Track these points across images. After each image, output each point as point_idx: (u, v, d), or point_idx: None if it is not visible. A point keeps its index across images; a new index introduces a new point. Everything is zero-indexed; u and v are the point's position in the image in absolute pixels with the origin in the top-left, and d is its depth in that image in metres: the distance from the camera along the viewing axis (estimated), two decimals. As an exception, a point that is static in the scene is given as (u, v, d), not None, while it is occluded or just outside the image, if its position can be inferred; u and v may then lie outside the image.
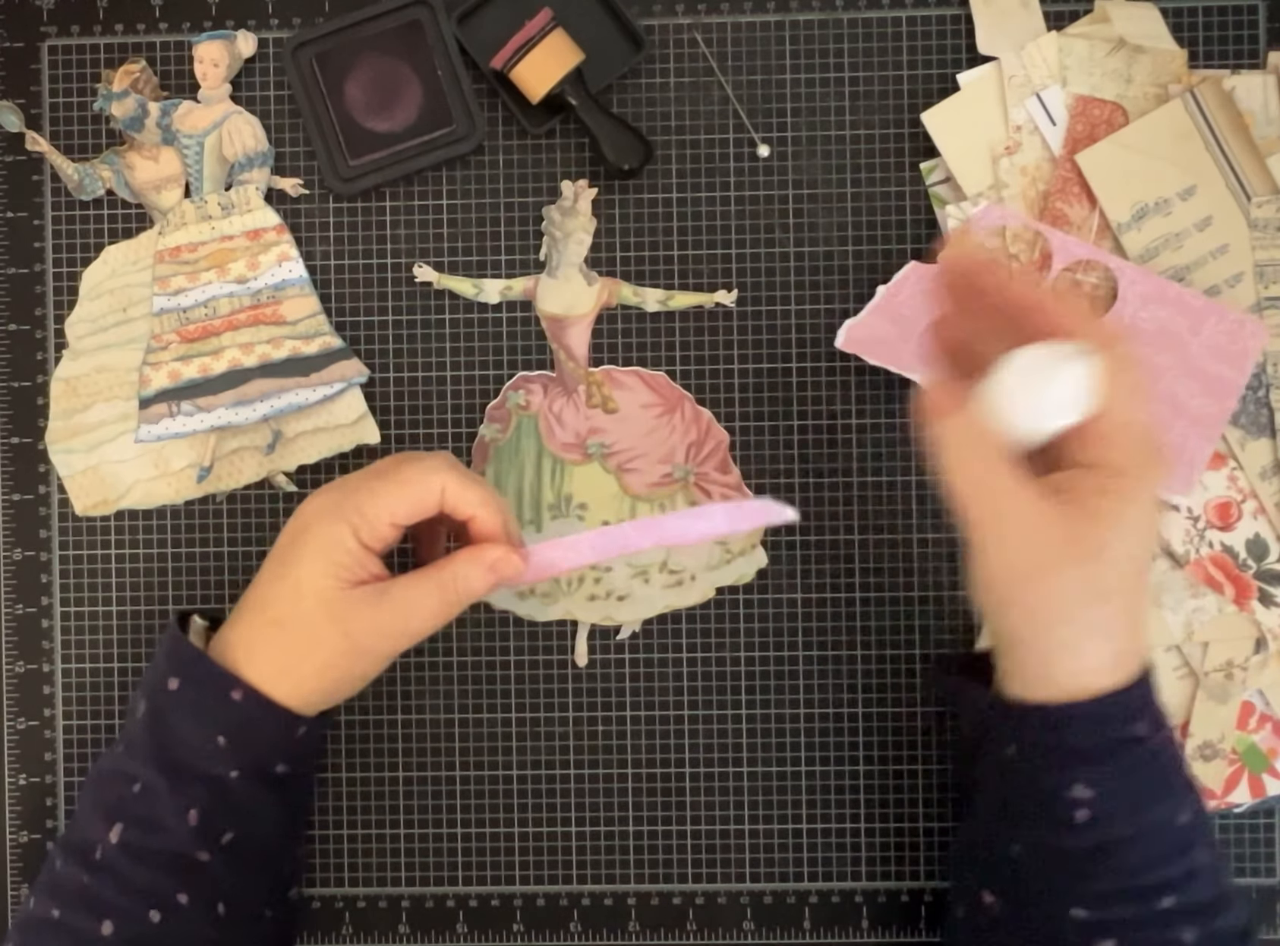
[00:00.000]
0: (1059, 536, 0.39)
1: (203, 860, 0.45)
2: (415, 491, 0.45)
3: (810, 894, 0.55)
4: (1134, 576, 0.41)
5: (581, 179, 0.55)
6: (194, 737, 0.45)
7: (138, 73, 0.55)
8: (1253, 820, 0.55)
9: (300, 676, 0.45)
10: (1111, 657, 0.41)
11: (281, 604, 0.45)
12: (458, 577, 0.45)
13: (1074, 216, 0.53)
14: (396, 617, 0.45)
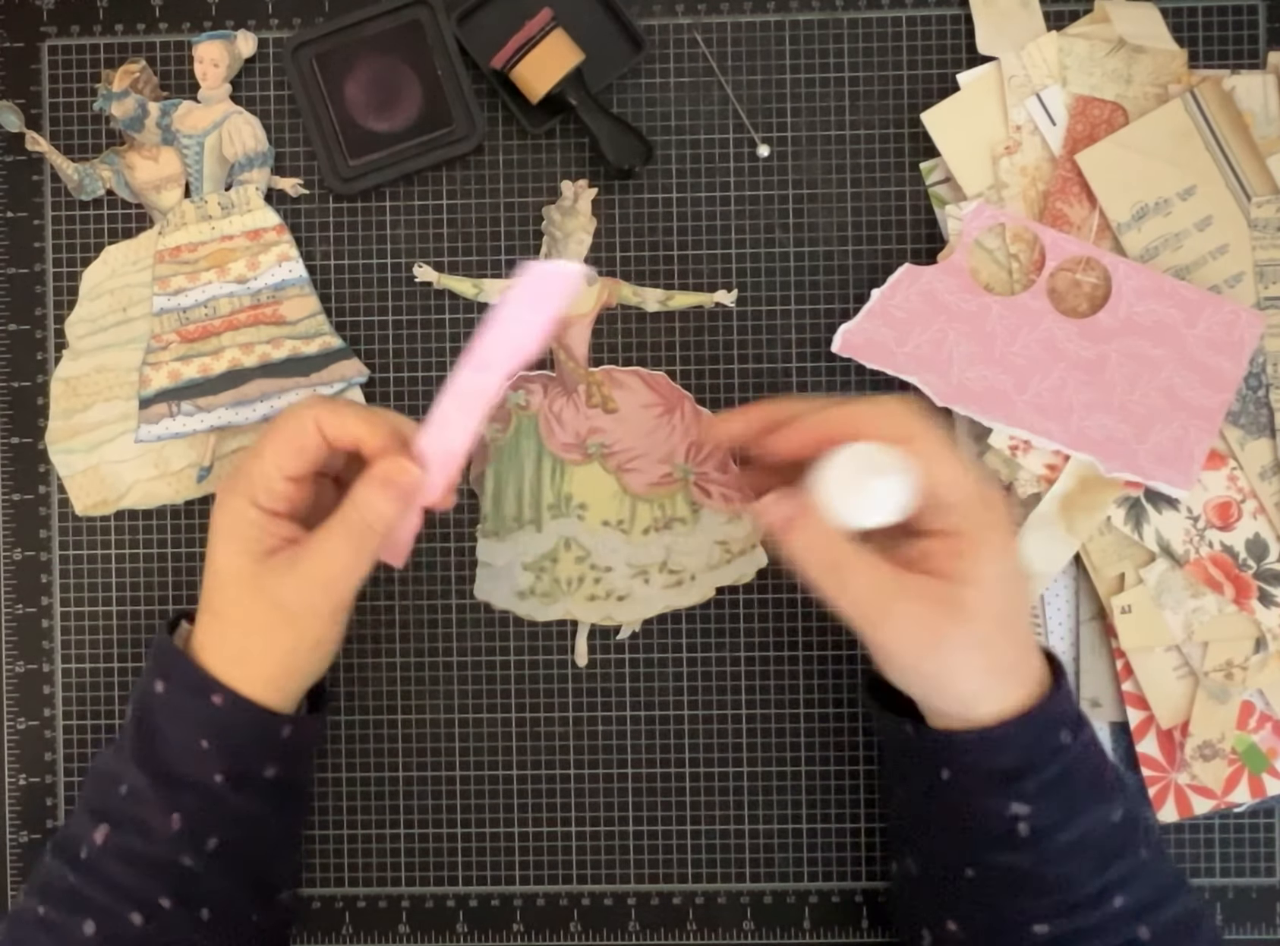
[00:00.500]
0: (935, 610, 0.42)
1: (186, 865, 0.44)
2: (289, 433, 0.44)
3: (810, 894, 0.55)
4: (1011, 617, 0.44)
5: (581, 179, 0.55)
6: (178, 741, 0.45)
7: (138, 73, 0.55)
8: (1253, 820, 0.55)
9: (253, 660, 0.45)
10: (1018, 686, 0.43)
11: (213, 595, 0.45)
12: (358, 506, 0.43)
13: (1074, 216, 0.53)
14: (315, 570, 0.43)
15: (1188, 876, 0.47)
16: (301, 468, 0.44)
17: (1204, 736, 0.53)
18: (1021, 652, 0.44)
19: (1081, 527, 0.52)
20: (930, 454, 0.42)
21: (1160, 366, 0.52)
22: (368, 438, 0.44)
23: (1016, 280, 0.53)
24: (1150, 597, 0.53)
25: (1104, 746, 0.46)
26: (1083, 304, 0.53)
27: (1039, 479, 0.53)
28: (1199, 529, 0.53)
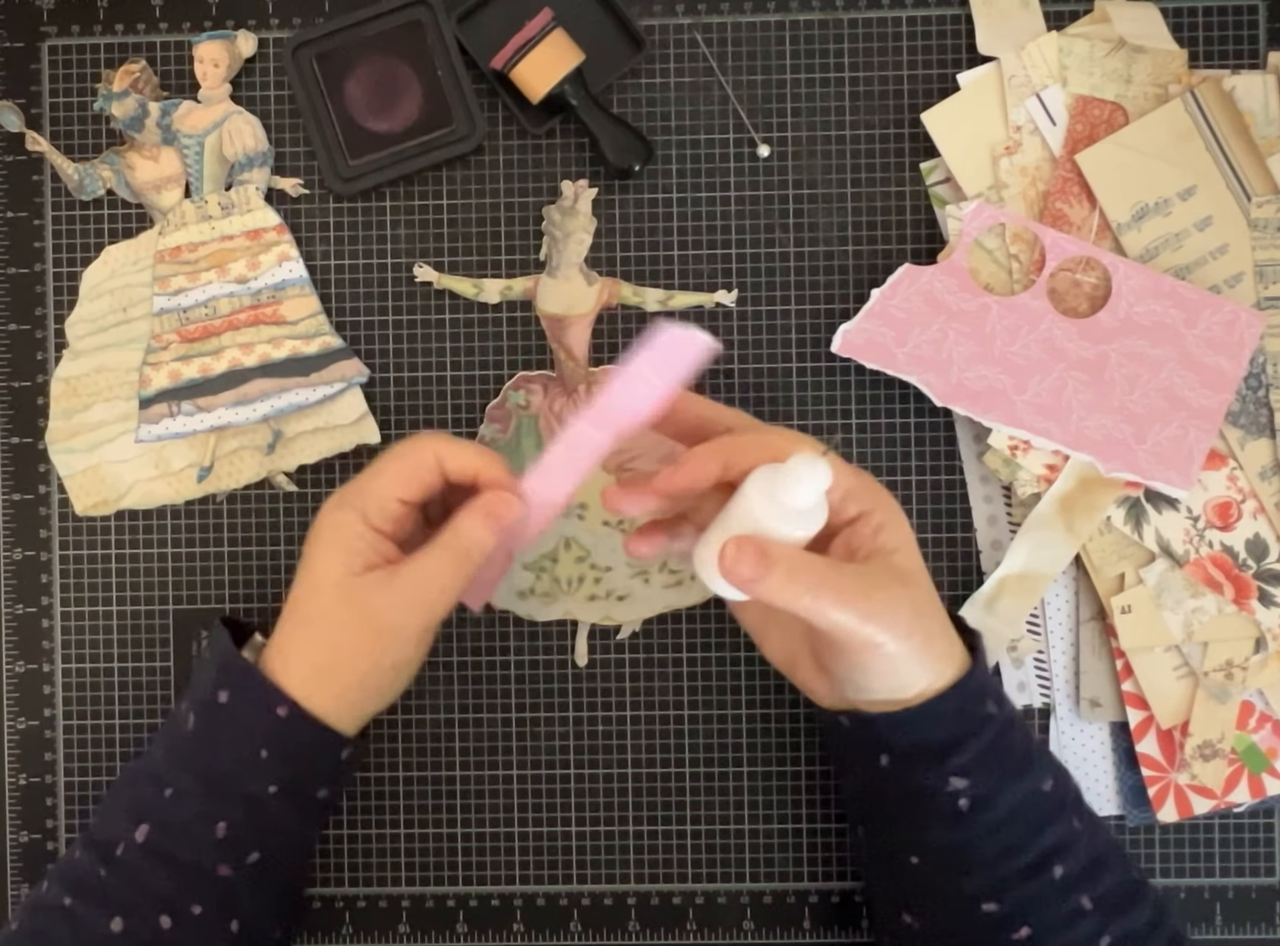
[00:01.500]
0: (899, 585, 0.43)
1: (224, 875, 0.44)
2: (410, 462, 0.45)
3: (810, 894, 0.55)
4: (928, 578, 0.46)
5: (582, 179, 0.55)
6: (236, 750, 0.45)
7: (138, 73, 0.55)
8: (1253, 820, 0.55)
9: (333, 673, 0.45)
10: (944, 659, 0.45)
11: (305, 602, 0.46)
12: (460, 533, 0.45)
13: (1074, 216, 0.53)
14: (412, 588, 0.44)
15: (1122, 847, 0.47)
16: (415, 494, 0.45)
17: (1204, 736, 0.53)
18: (947, 627, 0.46)
19: (1081, 528, 0.52)
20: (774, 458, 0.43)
21: (1160, 366, 0.52)
22: (484, 471, 0.45)
23: (1016, 280, 0.53)
24: (1150, 597, 0.53)
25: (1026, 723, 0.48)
26: (1083, 304, 0.53)
27: (1039, 479, 0.53)
28: (1199, 529, 0.53)
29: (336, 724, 0.46)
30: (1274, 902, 0.55)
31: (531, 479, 0.46)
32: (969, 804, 0.44)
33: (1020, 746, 0.46)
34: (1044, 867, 0.44)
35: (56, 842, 0.56)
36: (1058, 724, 0.55)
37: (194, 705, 0.46)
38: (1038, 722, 0.55)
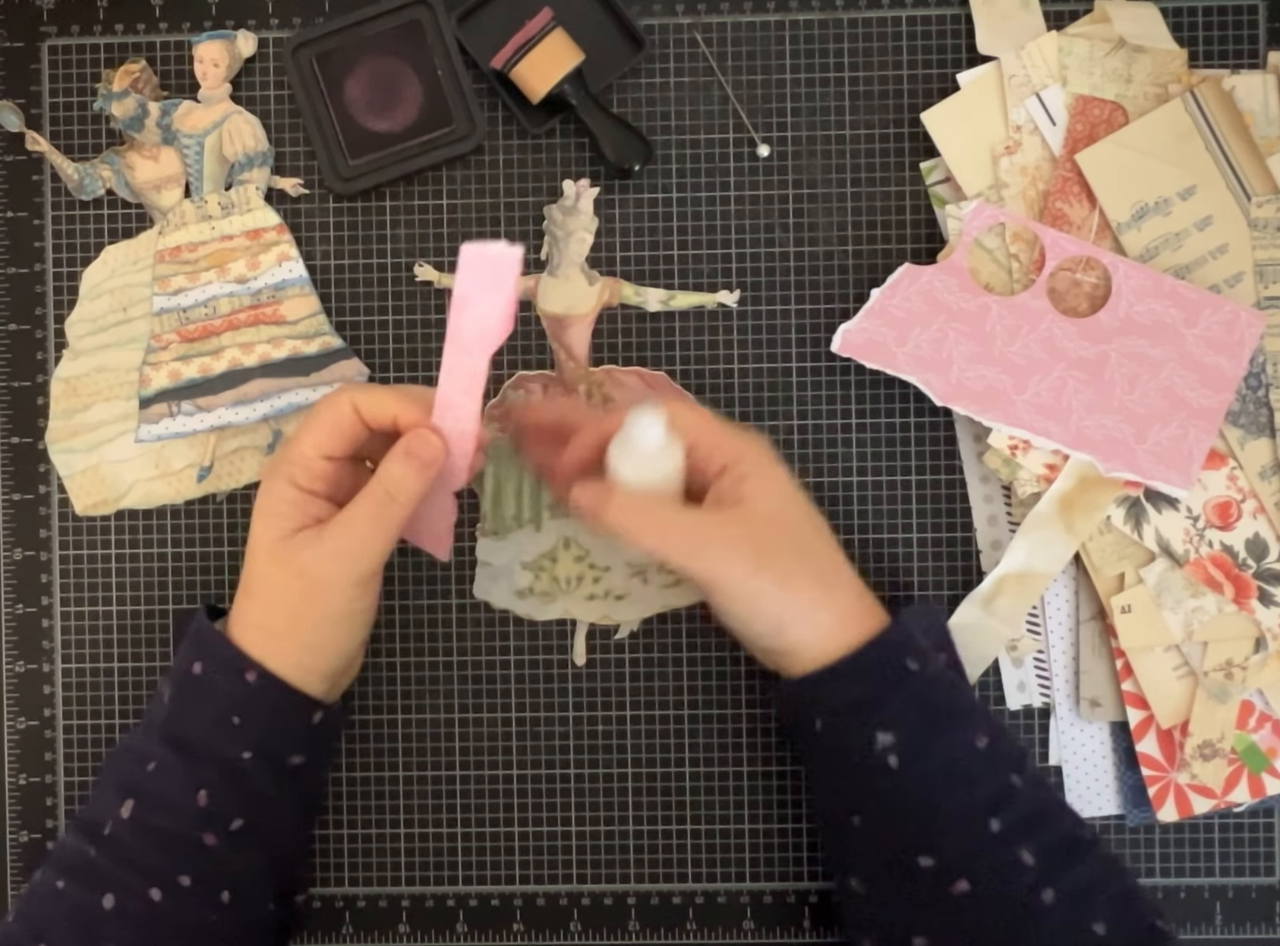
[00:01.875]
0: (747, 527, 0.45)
1: (209, 843, 0.45)
2: (328, 417, 0.45)
3: (810, 893, 0.55)
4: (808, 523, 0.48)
5: (583, 178, 0.55)
6: (210, 718, 0.46)
7: (138, 72, 0.55)
8: (1252, 819, 0.55)
9: (278, 635, 0.46)
10: (856, 610, 0.47)
11: (246, 572, 0.47)
12: (381, 478, 0.45)
13: (1074, 216, 0.53)
14: (335, 539, 0.45)
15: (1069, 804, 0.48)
16: (338, 447, 0.46)
17: (1204, 736, 0.53)
18: (836, 569, 0.48)
19: (1081, 527, 0.52)
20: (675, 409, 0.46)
21: (1160, 366, 0.52)
22: (402, 413, 0.45)
23: (1016, 280, 0.53)
24: (1150, 597, 0.53)
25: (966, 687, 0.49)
26: (1083, 304, 0.53)
27: (1039, 479, 0.53)
28: (1199, 529, 0.53)
29: (303, 687, 0.46)
30: (1274, 902, 0.55)
31: (435, 414, 0.45)
32: (898, 760, 0.45)
33: (949, 703, 0.47)
34: (979, 821, 0.44)
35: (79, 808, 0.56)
36: (1058, 724, 0.55)
37: (171, 678, 0.48)
38: (1037, 722, 0.55)
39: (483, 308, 0.43)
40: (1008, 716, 0.55)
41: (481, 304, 0.43)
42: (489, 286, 0.43)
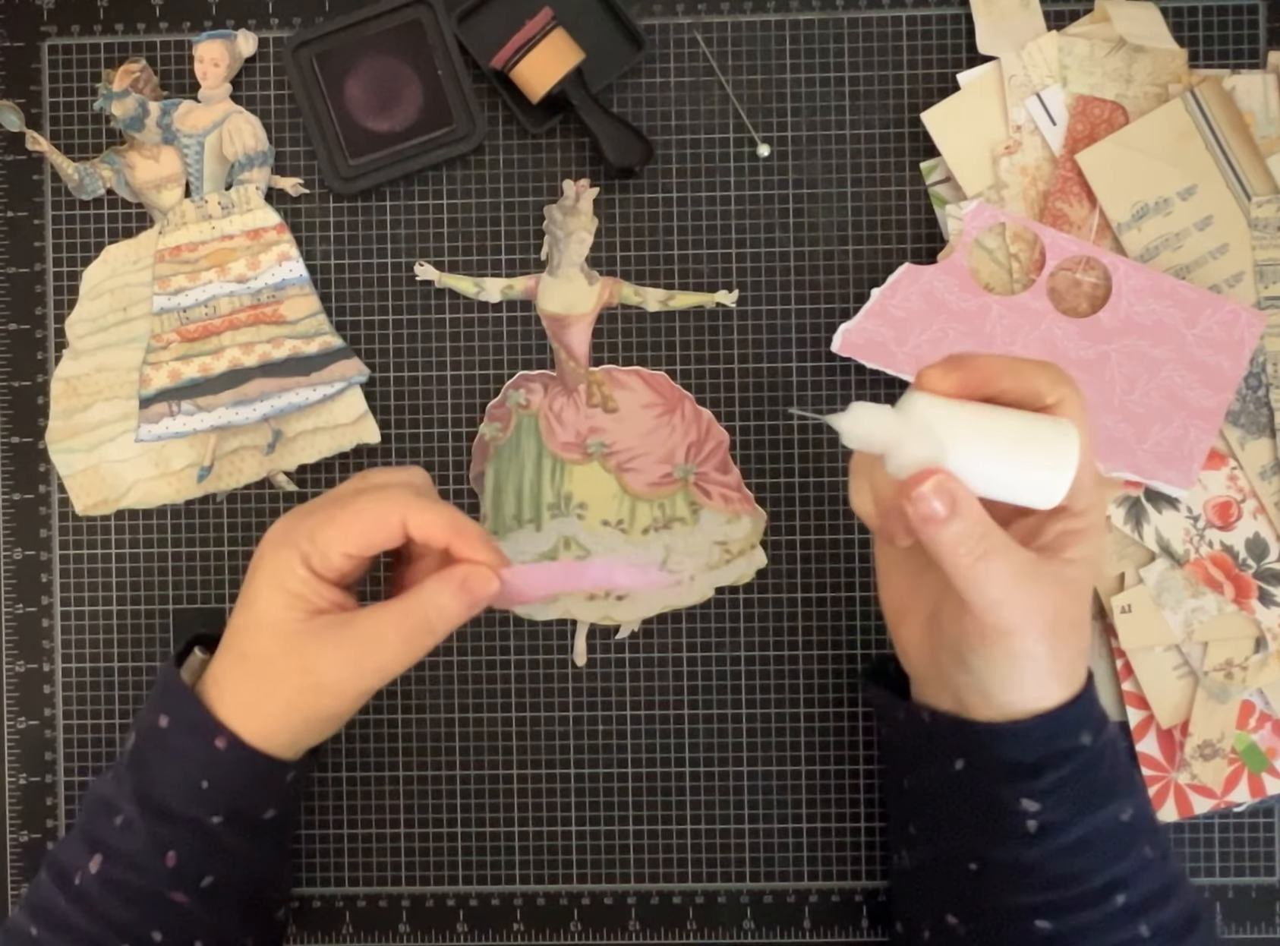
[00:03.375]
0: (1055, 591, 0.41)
1: (179, 901, 0.44)
2: (368, 523, 0.42)
3: (810, 893, 0.55)
4: (1087, 603, 0.43)
5: (583, 178, 0.55)
6: (177, 779, 0.44)
7: (138, 72, 0.55)
8: (1252, 819, 0.55)
9: (266, 715, 0.44)
10: (1061, 678, 0.42)
11: (244, 636, 0.44)
12: (425, 602, 0.42)
13: (1074, 216, 0.53)
14: (359, 651, 0.42)
15: (1187, 872, 0.47)
16: (365, 551, 0.43)
17: (1204, 736, 0.53)
18: (1080, 643, 0.43)
19: (1081, 527, 0.52)
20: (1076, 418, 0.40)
21: (1160, 366, 0.52)
22: (460, 544, 0.43)
23: (1016, 280, 0.53)
24: (1150, 597, 0.53)
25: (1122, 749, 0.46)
26: (1083, 304, 0.53)
27: (1039, 478, 0.52)
28: (1199, 528, 0.53)
29: (275, 751, 0.44)
30: (1274, 902, 0.55)
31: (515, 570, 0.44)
32: (1037, 827, 0.43)
33: (1105, 778, 0.44)
34: (1107, 895, 0.42)
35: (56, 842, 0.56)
36: (1058, 723, 0.55)
37: (137, 727, 0.46)
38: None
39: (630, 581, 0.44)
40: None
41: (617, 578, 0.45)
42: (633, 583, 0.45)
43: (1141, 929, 0.43)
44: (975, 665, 0.42)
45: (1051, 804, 0.43)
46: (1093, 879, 0.43)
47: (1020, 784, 0.43)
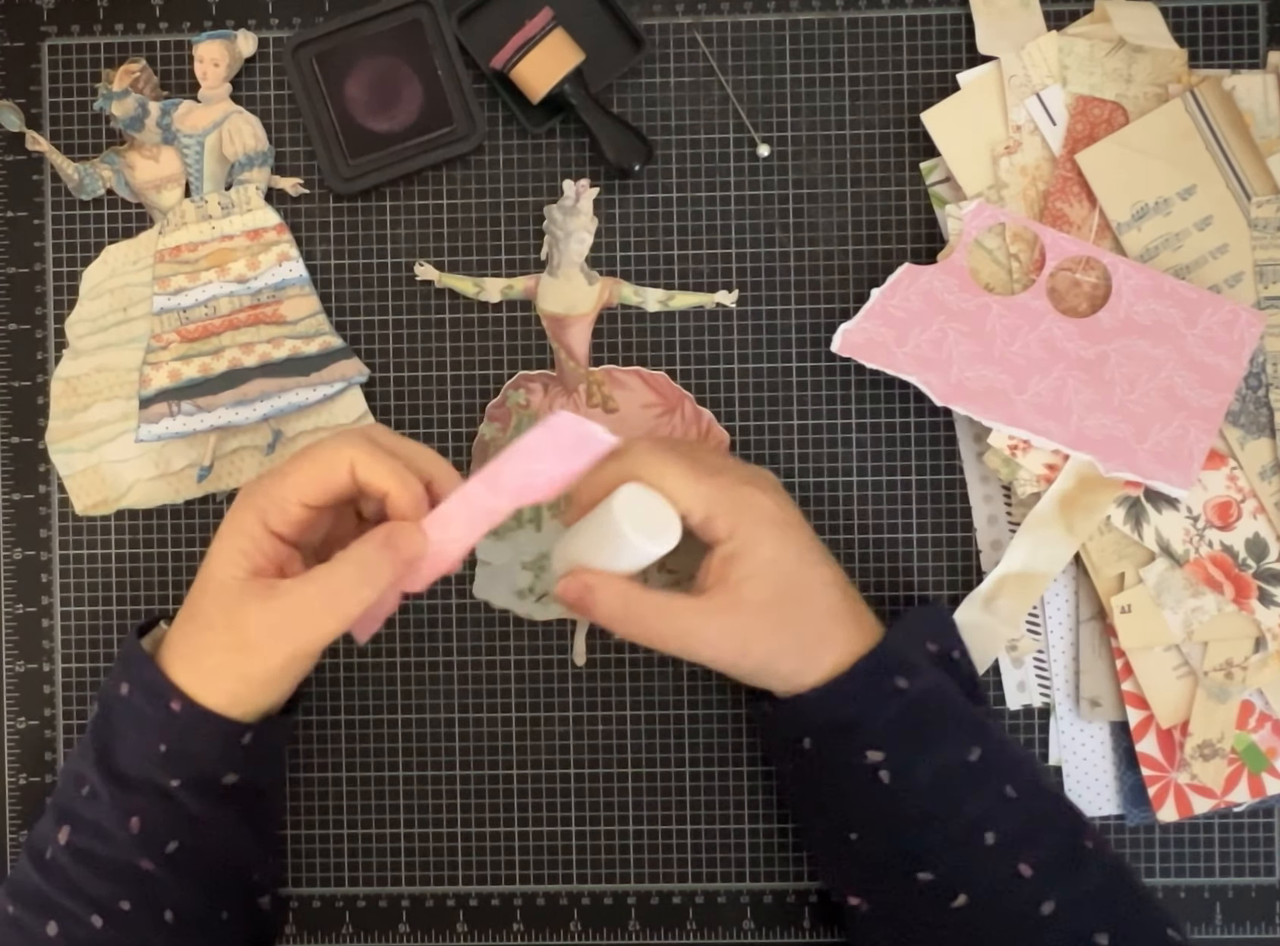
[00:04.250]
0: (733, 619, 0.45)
1: (146, 868, 0.44)
2: (322, 467, 0.43)
3: (810, 893, 0.55)
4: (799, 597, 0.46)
5: (583, 178, 0.55)
6: (136, 745, 0.45)
7: (138, 72, 0.55)
8: (1252, 819, 0.55)
9: (202, 671, 0.44)
10: (846, 640, 0.46)
11: (194, 594, 0.45)
12: (350, 562, 0.42)
13: (1074, 216, 0.53)
14: (285, 612, 0.42)
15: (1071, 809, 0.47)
16: (320, 500, 0.43)
17: (1204, 736, 0.53)
18: (828, 623, 0.47)
19: (1081, 527, 0.52)
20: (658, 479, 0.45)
21: (1160, 366, 0.52)
22: (396, 496, 0.43)
23: (1016, 280, 0.53)
24: (1150, 597, 0.53)
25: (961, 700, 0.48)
26: (1083, 304, 0.53)
27: (1039, 479, 0.53)
28: (1199, 528, 0.53)
29: (232, 714, 0.44)
30: (1274, 902, 0.55)
31: (431, 524, 0.44)
32: (889, 776, 0.45)
33: (936, 718, 0.46)
34: (974, 834, 0.44)
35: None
36: (1058, 723, 0.55)
37: (100, 696, 0.47)
38: (1037, 722, 0.55)
39: (541, 466, 0.43)
40: (1008, 716, 0.55)
41: (541, 462, 0.43)
42: (562, 454, 0.43)
43: (1020, 867, 0.44)
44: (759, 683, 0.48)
45: (893, 749, 0.45)
46: (954, 818, 0.45)
47: (855, 737, 0.45)
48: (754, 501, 0.46)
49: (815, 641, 0.46)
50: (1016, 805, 0.45)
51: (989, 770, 0.46)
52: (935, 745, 0.46)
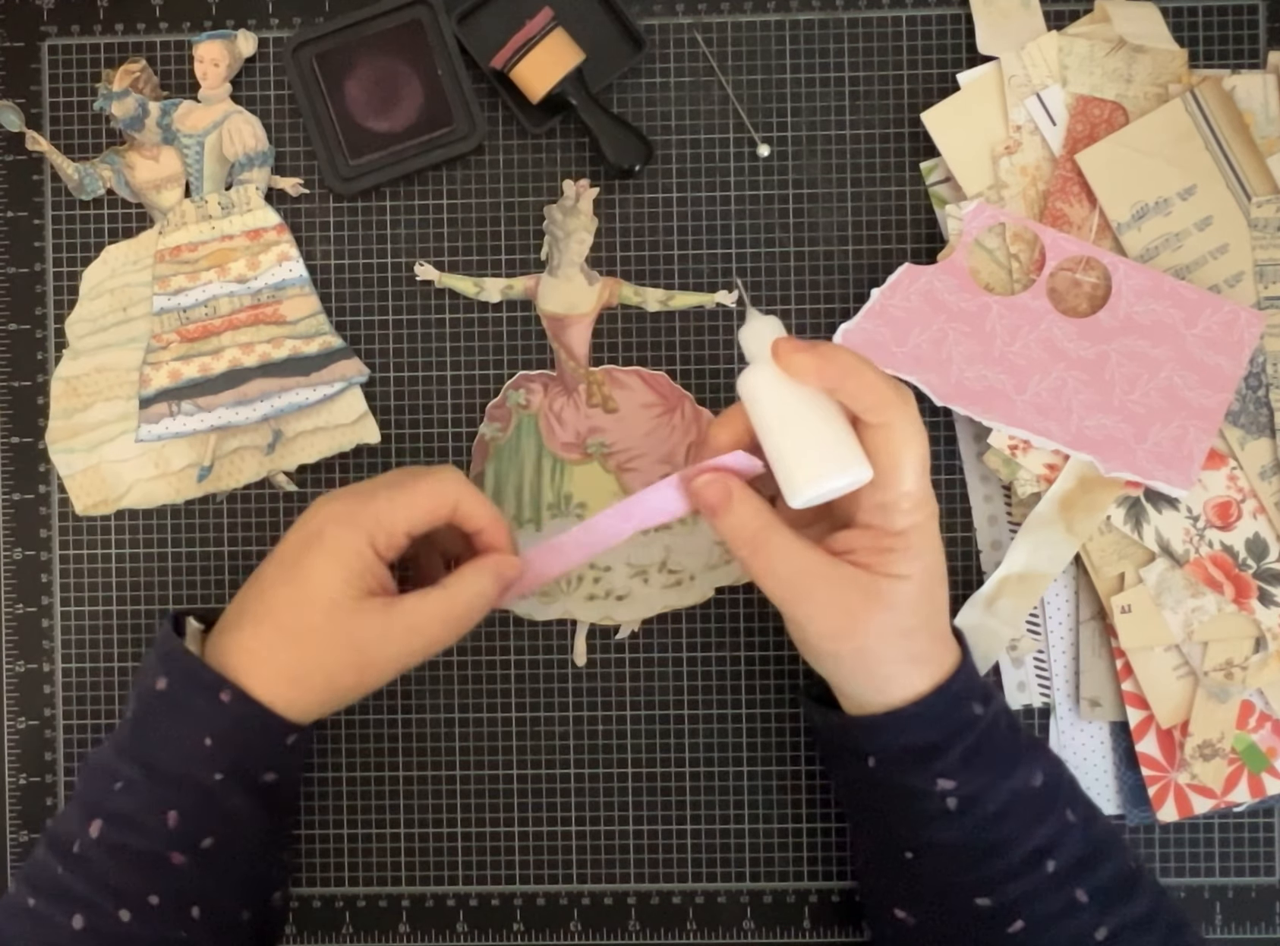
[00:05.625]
0: (857, 597, 0.43)
1: (178, 862, 0.44)
2: (431, 502, 0.46)
3: (810, 893, 0.55)
4: (929, 606, 0.45)
5: (583, 178, 0.55)
6: (179, 738, 0.45)
7: (138, 72, 0.55)
8: (1252, 819, 0.55)
9: (307, 686, 0.45)
10: (932, 668, 0.45)
11: (289, 611, 0.45)
12: (466, 587, 0.46)
13: (1074, 216, 0.53)
14: (408, 632, 0.45)
15: (1121, 836, 0.48)
16: (423, 530, 0.46)
17: (1204, 736, 0.53)
18: (936, 642, 0.46)
19: (1081, 527, 0.52)
20: (897, 446, 0.43)
21: (1160, 366, 0.52)
22: (493, 532, 0.47)
23: (1016, 280, 0.53)
24: (1150, 597, 0.53)
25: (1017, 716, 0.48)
26: (1083, 304, 0.53)
27: (1039, 479, 0.53)
28: (1199, 528, 0.53)
29: (285, 712, 0.45)
30: (1274, 902, 0.55)
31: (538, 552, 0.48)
32: (957, 803, 0.44)
33: (1007, 744, 0.46)
34: (1037, 862, 0.44)
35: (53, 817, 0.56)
36: (1058, 724, 0.55)
37: (136, 693, 0.47)
38: (1037, 722, 0.55)
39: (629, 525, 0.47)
40: (1008, 716, 0.55)
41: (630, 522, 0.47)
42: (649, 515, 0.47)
43: (1078, 893, 0.44)
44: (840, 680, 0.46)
45: (966, 777, 0.44)
46: (1019, 847, 0.44)
47: (930, 766, 0.44)
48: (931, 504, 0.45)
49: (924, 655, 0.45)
50: (1076, 831, 0.45)
51: (1052, 794, 0.46)
52: (1004, 773, 0.45)
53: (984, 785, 0.45)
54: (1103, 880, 0.44)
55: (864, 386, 0.42)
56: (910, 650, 0.44)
